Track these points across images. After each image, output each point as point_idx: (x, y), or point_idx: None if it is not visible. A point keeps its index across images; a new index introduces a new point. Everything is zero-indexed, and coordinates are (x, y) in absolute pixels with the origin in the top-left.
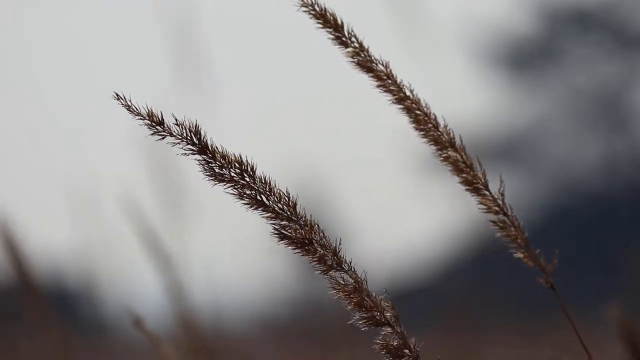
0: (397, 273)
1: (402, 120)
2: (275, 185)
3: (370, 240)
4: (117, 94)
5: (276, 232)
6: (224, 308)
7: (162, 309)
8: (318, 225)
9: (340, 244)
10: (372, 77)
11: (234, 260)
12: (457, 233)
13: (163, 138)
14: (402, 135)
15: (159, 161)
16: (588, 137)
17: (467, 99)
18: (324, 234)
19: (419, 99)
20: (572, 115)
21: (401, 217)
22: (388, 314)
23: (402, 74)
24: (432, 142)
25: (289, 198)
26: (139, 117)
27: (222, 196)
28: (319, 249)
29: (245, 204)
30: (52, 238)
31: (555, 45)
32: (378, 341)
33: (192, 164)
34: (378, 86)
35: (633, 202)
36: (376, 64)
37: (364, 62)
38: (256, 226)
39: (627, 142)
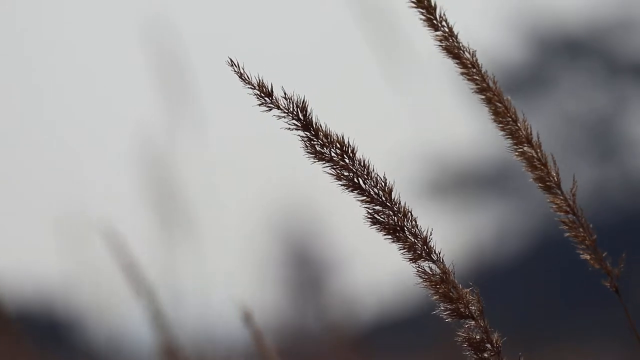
0: (388, 300)
1: (397, 145)
2: (373, 170)
3: (361, 267)
4: (230, 60)
5: (369, 216)
6: (214, 334)
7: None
8: (411, 213)
9: (431, 233)
10: (457, 64)
11: (226, 286)
12: (453, 257)
13: (270, 110)
14: (397, 160)
15: (155, 184)
16: (579, 165)
17: (455, 126)
18: (416, 223)
19: (500, 92)
20: (562, 143)
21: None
22: (472, 308)
23: (390, 104)
24: (508, 136)
25: (385, 183)
26: (250, 87)
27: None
28: (409, 237)
29: (341, 185)
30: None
31: (546, 72)
32: (461, 334)
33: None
34: (462, 74)
35: (623, 229)
36: (463, 52)
37: (452, 48)
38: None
39: (617, 169)
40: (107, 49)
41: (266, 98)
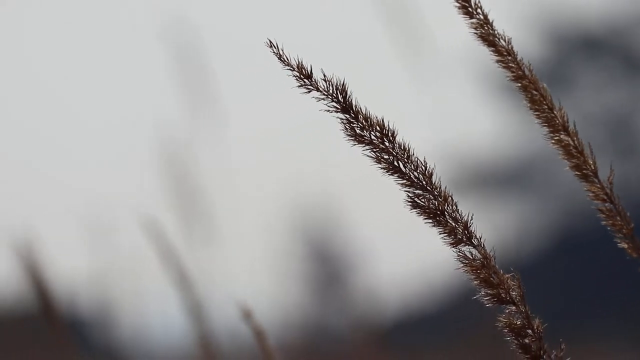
0: (411, 297)
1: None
2: (413, 153)
3: (383, 264)
4: (270, 41)
5: (409, 200)
6: (239, 330)
7: (181, 330)
8: (452, 198)
9: (472, 218)
10: (493, 51)
11: (250, 282)
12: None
13: (309, 92)
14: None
15: (176, 182)
16: (598, 162)
17: (475, 125)
18: (456, 207)
19: (536, 79)
20: (581, 140)
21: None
22: (513, 293)
23: (410, 100)
24: (545, 124)
25: (425, 167)
26: (289, 68)
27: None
28: (450, 221)
29: (381, 168)
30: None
31: (565, 70)
32: (501, 319)
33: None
34: (498, 61)
35: None
36: (498, 39)
37: (487, 35)
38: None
39: (637, 166)
40: (127, 47)
41: (305, 80)
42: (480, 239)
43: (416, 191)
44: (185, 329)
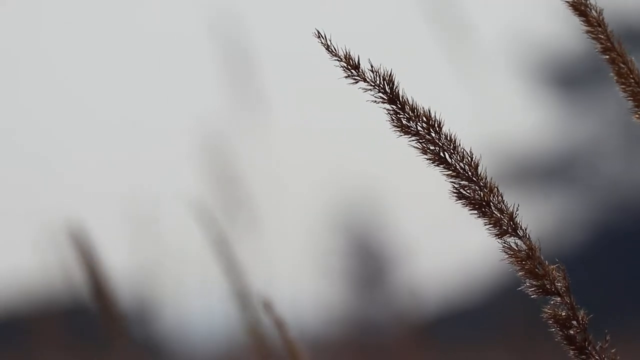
0: (452, 291)
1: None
2: (459, 144)
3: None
4: (317, 31)
5: (455, 191)
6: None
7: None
8: (497, 189)
9: (517, 209)
10: (583, 21)
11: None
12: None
13: (356, 82)
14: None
15: (222, 174)
16: None
17: (517, 118)
18: (502, 198)
19: (624, 52)
20: (624, 134)
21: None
22: (559, 284)
23: (454, 92)
24: (630, 98)
25: (471, 158)
26: (336, 59)
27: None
28: (495, 212)
29: (427, 159)
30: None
31: (605, 63)
32: (546, 311)
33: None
34: (587, 32)
35: None
36: (590, 9)
37: (579, 4)
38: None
39: None
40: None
41: (353, 71)
42: (526, 230)
43: (462, 182)
44: (230, 320)
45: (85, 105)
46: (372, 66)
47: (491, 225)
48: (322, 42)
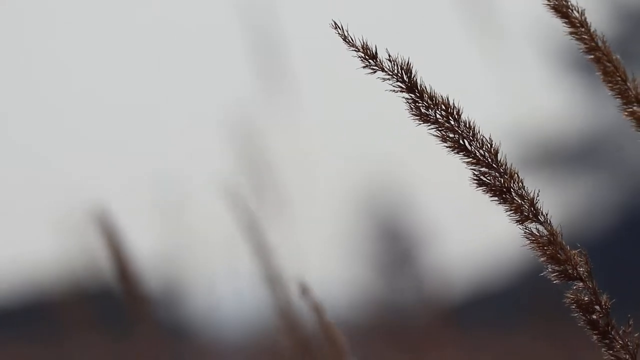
0: (481, 273)
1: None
2: (478, 131)
3: (452, 242)
4: (334, 22)
5: (475, 178)
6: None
7: (255, 307)
8: (517, 175)
9: (538, 195)
10: (566, 23)
11: (320, 260)
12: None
13: (374, 72)
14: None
15: (252, 160)
16: None
17: (543, 102)
18: (522, 184)
19: (609, 51)
20: None
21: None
22: (581, 269)
23: (480, 76)
24: (618, 96)
25: (491, 145)
26: (354, 49)
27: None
28: (516, 199)
29: (447, 147)
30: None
31: (635, 47)
32: (569, 295)
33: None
34: (571, 33)
35: None
36: (572, 10)
37: (560, 7)
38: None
39: None
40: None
41: (370, 60)
42: (547, 215)
43: (482, 169)
44: (260, 304)
45: (114, 90)
46: (389, 56)
47: (512, 212)
48: (338, 33)
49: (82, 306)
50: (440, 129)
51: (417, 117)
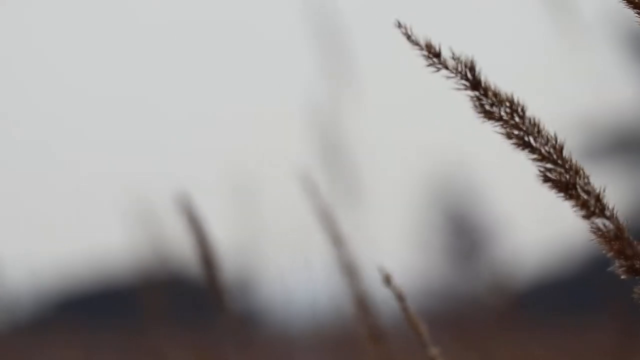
0: (550, 262)
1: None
2: (543, 128)
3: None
4: (398, 22)
5: (541, 174)
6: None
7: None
8: (583, 171)
9: (604, 190)
10: (638, 13)
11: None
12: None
13: (438, 70)
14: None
15: (325, 148)
16: None
17: (617, 91)
18: (588, 180)
19: None
20: None
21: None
22: None
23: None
24: None
25: (556, 141)
26: (418, 48)
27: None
28: (582, 195)
29: (512, 144)
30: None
31: None
32: (637, 291)
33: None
34: None
35: None
36: None
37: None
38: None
39: None
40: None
41: (434, 59)
42: (614, 210)
43: (547, 165)
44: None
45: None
46: (453, 53)
47: (578, 208)
48: (402, 32)
49: (157, 295)
50: (504, 126)
51: (481, 115)
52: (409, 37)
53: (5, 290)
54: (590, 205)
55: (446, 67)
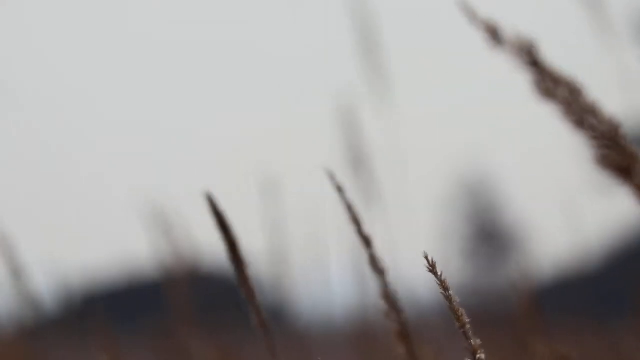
0: (573, 260)
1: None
2: (600, 109)
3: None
4: (460, 2)
5: (597, 158)
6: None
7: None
8: (638, 155)
9: None
10: None
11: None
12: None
13: (497, 50)
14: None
15: (351, 151)
16: None
17: None
18: None
19: None
20: None
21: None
22: None
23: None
24: None
25: (613, 123)
26: (478, 27)
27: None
28: (637, 178)
29: (570, 124)
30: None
31: None
32: None
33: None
34: None
35: None
36: None
37: None
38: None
39: None
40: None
41: (494, 40)
42: None
43: (603, 148)
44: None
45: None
46: (513, 34)
47: (636, 190)
48: (464, 12)
49: (182, 295)
50: (563, 106)
51: (540, 96)
52: (472, 17)
53: (31, 289)
54: None
55: (506, 49)
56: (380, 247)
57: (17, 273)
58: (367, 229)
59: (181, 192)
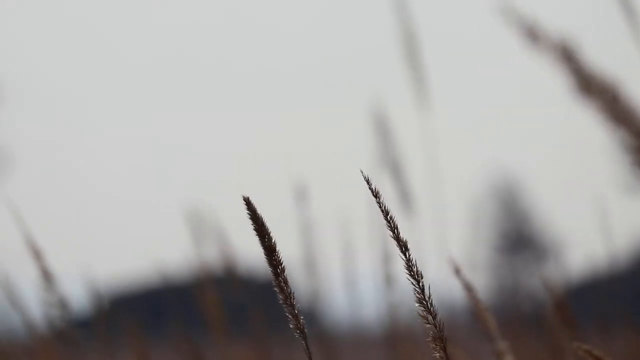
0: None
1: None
2: (638, 109)
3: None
4: (499, 5)
5: (633, 157)
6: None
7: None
8: None
9: None
10: None
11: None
12: None
13: (535, 49)
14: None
15: (387, 154)
16: None
17: None
18: None
19: None
20: None
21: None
22: None
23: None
24: None
25: None
26: (519, 29)
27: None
28: None
29: (606, 119)
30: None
31: None
32: None
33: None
34: None
35: None
36: None
37: None
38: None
39: None
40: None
41: (534, 41)
42: None
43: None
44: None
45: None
46: (552, 36)
47: None
48: (502, 14)
49: (215, 298)
50: (598, 101)
51: (577, 96)
52: (514, 19)
53: (62, 293)
54: None
55: (545, 49)
56: (415, 252)
57: (48, 277)
58: (403, 234)
59: (216, 197)
